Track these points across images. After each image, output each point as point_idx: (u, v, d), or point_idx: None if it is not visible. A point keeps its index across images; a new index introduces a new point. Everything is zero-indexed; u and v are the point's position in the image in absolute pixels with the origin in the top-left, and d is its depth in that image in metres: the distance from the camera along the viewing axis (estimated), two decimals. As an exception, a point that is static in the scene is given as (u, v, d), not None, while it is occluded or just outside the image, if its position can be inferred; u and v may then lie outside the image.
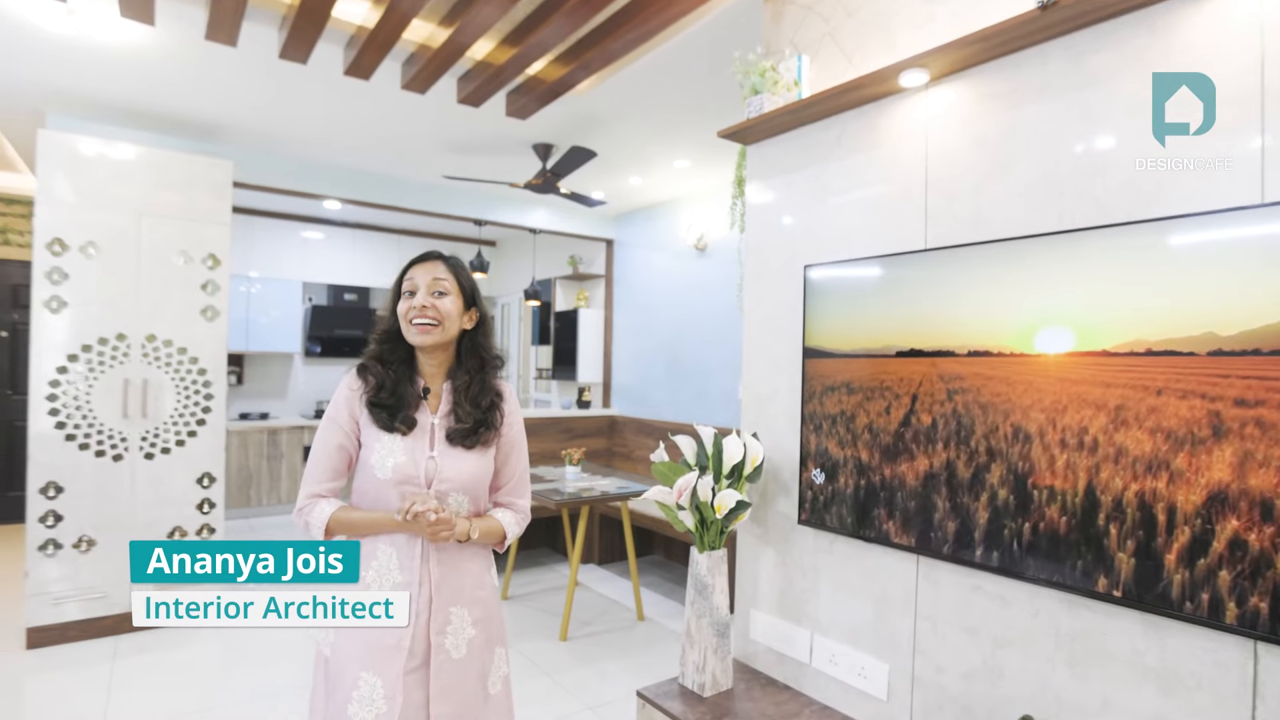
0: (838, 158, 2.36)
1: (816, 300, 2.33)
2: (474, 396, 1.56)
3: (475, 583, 1.57)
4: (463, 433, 1.54)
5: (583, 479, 4.31)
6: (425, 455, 1.51)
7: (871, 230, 2.24)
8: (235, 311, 6.46)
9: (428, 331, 1.52)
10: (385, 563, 1.48)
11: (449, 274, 1.57)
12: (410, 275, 1.56)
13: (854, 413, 2.20)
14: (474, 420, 1.54)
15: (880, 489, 2.12)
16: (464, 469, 1.54)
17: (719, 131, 2.56)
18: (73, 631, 3.38)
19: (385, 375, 1.54)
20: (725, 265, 5.07)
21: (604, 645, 3.77)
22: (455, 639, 1.51)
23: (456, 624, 1.51)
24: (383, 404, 1.51)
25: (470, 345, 1.61)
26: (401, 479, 1.48)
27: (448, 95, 3.52)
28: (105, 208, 3.47)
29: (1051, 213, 1.78)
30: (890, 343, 2.10)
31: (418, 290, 1.54)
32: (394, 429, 1.49)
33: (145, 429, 3.57)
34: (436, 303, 1.53)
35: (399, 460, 1.49)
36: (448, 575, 1.51)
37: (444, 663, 1.49)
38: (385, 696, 1.42)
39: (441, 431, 1.54)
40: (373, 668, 1.43)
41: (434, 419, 1.55)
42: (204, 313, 3.75)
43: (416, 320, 1.51)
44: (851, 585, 2.26)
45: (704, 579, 2.29)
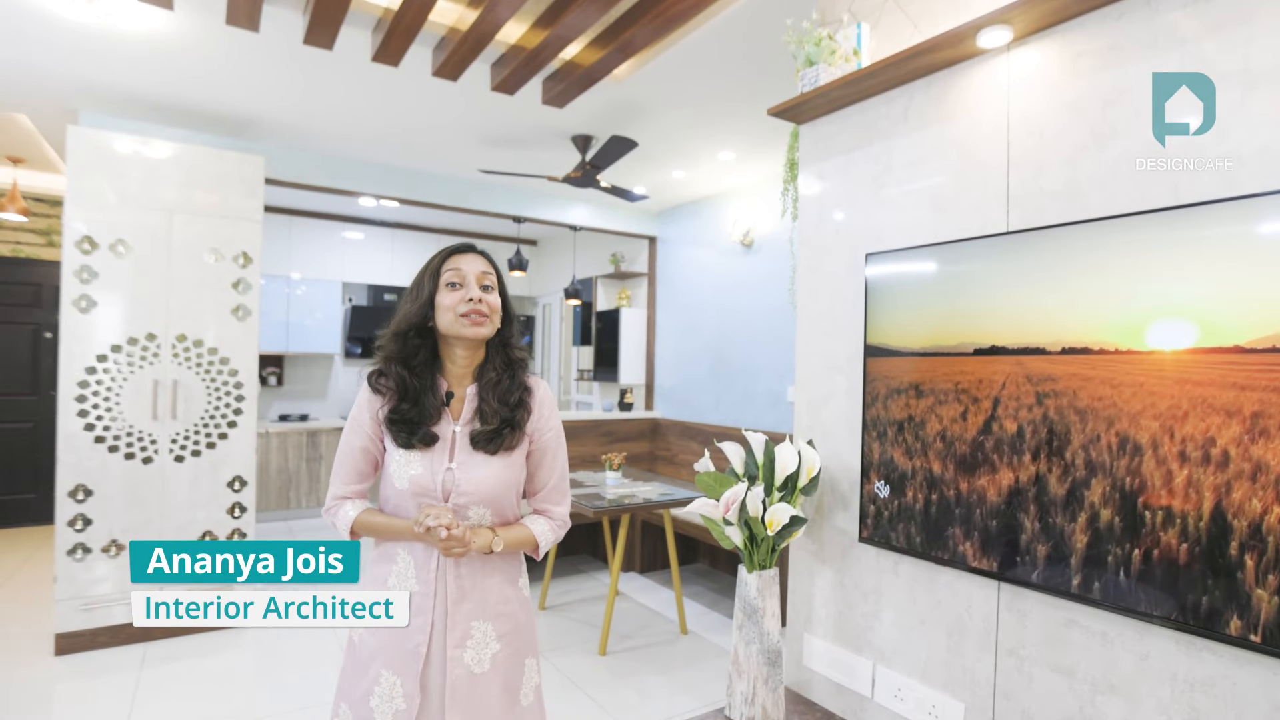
0: (903, 133, 2.11)
1: (879, 293, 2.09)
2: (502, 394, 1.48)
3: (499, 596, 1.49)
4: (487, 436, 1.45)
5: (623, 485, 4.12)
6: (444, 467, 1.44)
7: (942, 213, 2.00)
8: (275, 312, 6.45)
9: (481, 324, 1.45)
10: (403, 569, 1.45)
11: (492, 269, 1.51)
12: (455, 265, 1.47)
13: (924, 418, 1.96)
14: (500, 420, 1.46)
15: (955, 505, 1.87)
16: (486, 479, 1.45)
17: (769, 109, 2.34)
18: (103, 638, 3.32)
19: (408, 382, 1.44)
20: (772, 261, 4.82)
21: (645, 660, 3.57)
22: (477, 654, 1.44)
23: (479, 638, 1.45)
24: (402, 419, 1.43)
25: (498, 342, 1.53)
26: (418, 491, 1.42)
27: (481, 82, 3.36)
28: (135, 205, 3.41)
29: (1164, 185, 1.52)
30: (966, 339, 1.86)
31: (465, 282, 1.45)
32: (412, 446, 1.43)
33: (175, 431, 3.49)
34: (487, 297, 1.46)
35: (415, 472, 1.43)
36: (468, 589, 1.45)
37: (462, 678, 1.43)
38: (405, 696, 1.41)
39: (464, 438, 1.46)
40: (394, 667, 1.42)
41: (456, 427, 1.47)
42: (235, 312, 3.66)
43: (471, 313, 1.43)
44: (920, 612, 2.01)
45: (753, 601, 2.07)
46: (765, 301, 4.88)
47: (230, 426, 3.65)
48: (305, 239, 6.69)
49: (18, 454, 5.43)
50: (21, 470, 5.41)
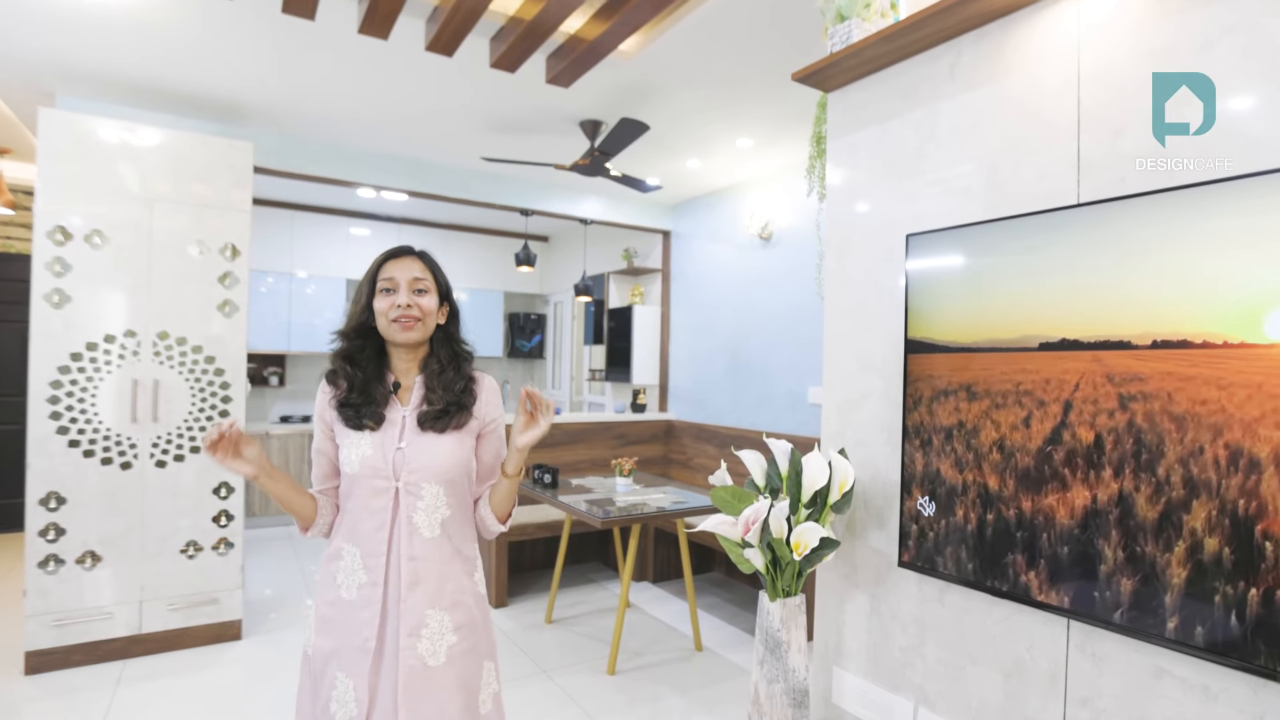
0: (949, 94, 1.84)
1: (923, 280, 1.82)
2: (447, 382, 1.51)
3: (456, 586, 1.48)
4: (433, 415, 1.47)
5: (635, 492, 3.85)
6: (394, 447, 1.45)
7: (997, 185, 1.73)
8: (277, 311, 6.26)
9: (411, 328, 1.47)
10: (350, 563, 1.44)
11: (426, 272, 1.53)
12: (388, 273, 1.50)
13: (977, 425, 1.68)
14: (445, 402, 1.48)
15: (1016, 527, 1.59)
16: (436, 456, 1.46)
17: (794, 73, 2.08)
18: (77, 655, 3.11)
19: (354, 376, 1.48)
20: (793, 255, 4.54)
21: (658, 680, 3.31)
22: (432, 645, 1.42)
23: (434, 628, 1.43)
24: (350, 403, 1.46)
25: (443, 337, 1.56)
26: (369, 472, 1.43)
27: (480, 59, 3.12)
28: (113, 193, 3.19)
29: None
30: (1030, 331, 1.58)
31: (398, 288, 1.48)
32: (362, 426, 1.45)
33: (156, 434, 3.28)
34: (418, 300, 1.48)
35: (365, 453, 1.44)
36: (422, 573, 1.44)
37: (416, 669, 1.40)
38: (356, 699, 1.38)
39: (412, 420, 1.48)
40: (345, 668, 1.40)
41: (405, 411, 1.50)
42: (222, 308, 3.44)
43: (400, 318, 1.46)
44: (971, 649, 1.74)
45: (776, 633, 1.80)
46: (784, 298, 4.60)
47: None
48: (308, 235, 6.49)
49: (6, 457, 5.24)
50: (9, 473, 5.21)
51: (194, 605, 3.41)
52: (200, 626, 3.43)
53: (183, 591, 3.38)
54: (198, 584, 3.42)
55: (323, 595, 1.47)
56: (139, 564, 3.27)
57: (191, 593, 3.40)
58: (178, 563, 3.36)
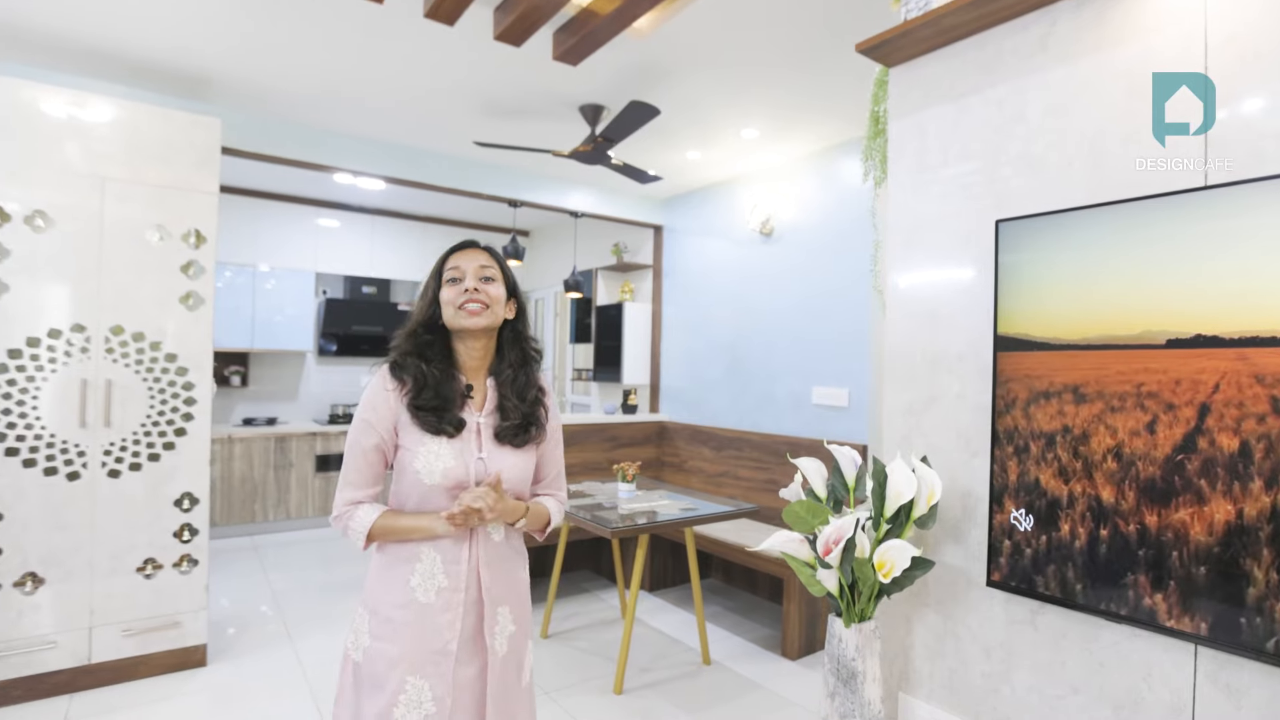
0: (1041, 67, 1.65)
1: (1015, 271, 1.62)
2: (520, 390, 1.51)
3: (516, 580, 1.54)
4: (512, 430, 1.48)
5: (638, 498, 3.61)
6: (474, 457, 1.44)
7: (1101, 168, 1.54)
8: (241, 306, 5.86)
9: (478, 313, 1.46)
10: (429, 567, 1.43)
11: (493, 262, 1.53)
12: (454, 263, 1.51)
13: (1087, 430, 1.49)
14: (522, 416, 1.49)
15: (1139, 544, 1.40)
16: (512, 470, 1.47)
17: (858, 44, 1.87)
18: (15, 691, 2.73)
19: (427, 374, 1.44)
20: (796, 251, 4.36)
21: (668, 699, 3.07)
22: (501, 638, 1.48)
23: (503, 623, 1.49)
24: (427, 406, 1.42)
25: (511, 336, 1.55)
26: (452, 483, 1.42)
27: (483, 30, 2.85)
28: (59, 170, 2.82)
29: None
30: (1153, 326, 1.39)
31: (464, 276, 1.48)
32: (441, 431, 1.42)
33: (109, 441, 2.92)
34: (485, 287, 1.48)
35: (448, 464, 1.41)
36: (495, 576, 1.47)
37: (495, 663, 1.46)
38: (434, 699, 1.39)
39: (489, 430, 1.48)
40: (421, 672, 1.40)
41: (479, 418, 1.48)
42: (185, 300, 3.10)
43: (467, 304, 1.45)
44: (1071, 677, 1.55)
45: (850, 663, 1.59)
46: (788, 295, 4.41)
47: (178, 435, 3.09)
48: (274, 226, 6.10)
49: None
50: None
51: (152, 630, 3.06)
52: (159, 653, 3.08)
53: (139, 615, 3.03)
54: (156, 606, 3.07)
55: (388, 598, 1.42)
56: (88, 585, 2.91)
57: (149, 616, 3.05)
58: (133, 583, 3.01)
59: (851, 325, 3.95)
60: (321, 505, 5.92)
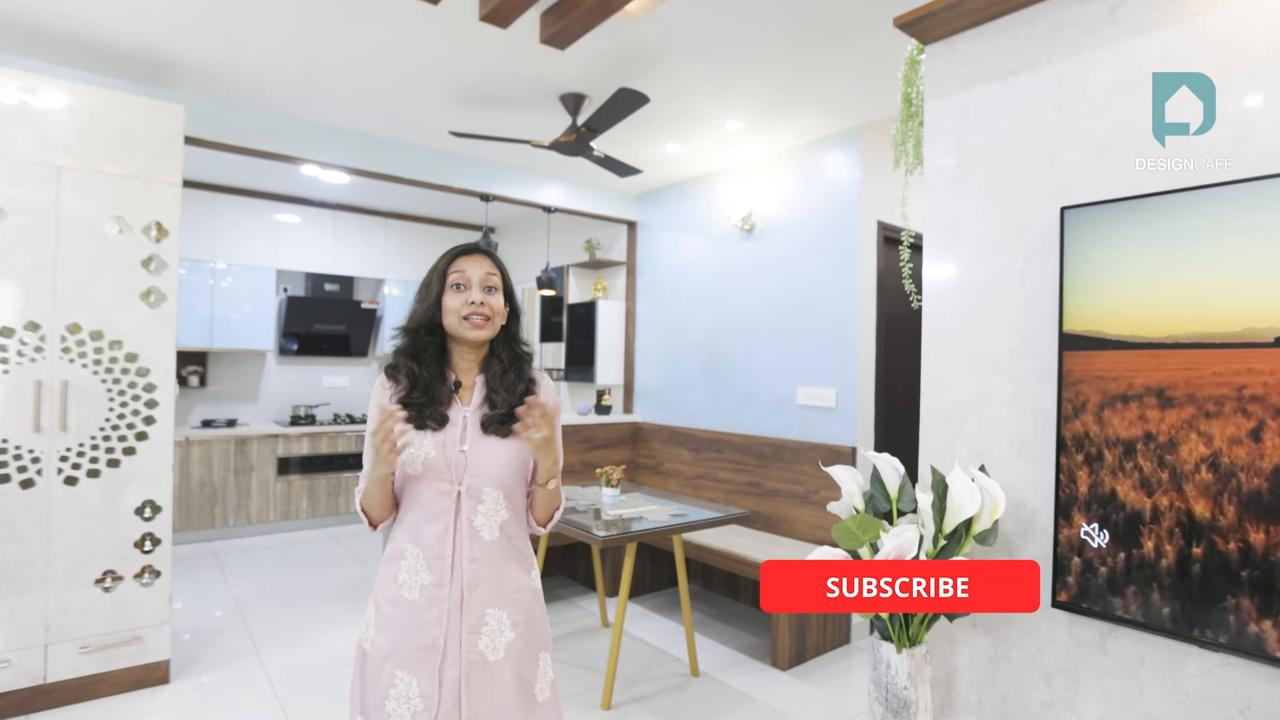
0: (1108, 41, 1.58)
1: (1084, 262, 1.54)
2: (509, 384, 1.52)
3: (514, 585, 1.50)
4: (498, 419, 1.48)
5: (623, 504, 3.53)
6: (456, 449, 1.46)
7: (1185, 148, 1.48)
8: (199, 304, 5.61)
9: (482, 326, 1.50)
10: (413, 563, 1.45)
11: (497, 270, 1.55)
12: (460, 268, 1.52)
13: (1174, 437, 1.42)
14: (509, 405, 1.49)
15: (1240, 564, 1.33)
16: (499, 460, 1.47)
17: (896, 18, 1.80)
18: (-37, 718, 2.56)
19: (419, 374, 1.49)
20: (779, 247, 4.31)
21: (659, 714, 2.99)
22: (491, 641, 1.45)
23: (494, 626, 1.46)
24: (414, 402, 1.46)
25: (504, 338, 1.58)
26: (432, 474, 1.44)
27: (468, 9, 2.72)
28: (8, 160, 2.62)
29: None
30: (1260, 323, 1.31)
31: (470, 284, 1.50)
32: (425, 425, 1.45)
33: (65, 446, 2.73)
34: (489, 299, 1.51)
35: (429, 455, 1.44)
36: (483, 574, 1.46)
37: (476, 664, 1.43)
38: (422, 695, 1.40)
39: (475, 422, 1.49)
40: (408, 667, 1.41)
41: (466, 411, 1.50)
42: (146, 297, 2.92)
43: (472, 316, 1.49)
44: (1150, 708, 1.47)
45: (902, 692, 1.52)
46: (770, 292, 4.36)
47: (139, 439, 2.91)
48: (232, 221, 5.85)
49: None
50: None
51: (112, 646, 2.87)
52: (120, 671, 2.89)
53: (98, 630, 2.84)
54: (116, 621, 2.89)
55: (383, 593, 1.46)
56: (43, 600, 2.72)
57: (109, 631, 2.87)
58: (92, 596, 2.83)
59: (840, 323, 3.92)
60: (283, 509, 5.71)
